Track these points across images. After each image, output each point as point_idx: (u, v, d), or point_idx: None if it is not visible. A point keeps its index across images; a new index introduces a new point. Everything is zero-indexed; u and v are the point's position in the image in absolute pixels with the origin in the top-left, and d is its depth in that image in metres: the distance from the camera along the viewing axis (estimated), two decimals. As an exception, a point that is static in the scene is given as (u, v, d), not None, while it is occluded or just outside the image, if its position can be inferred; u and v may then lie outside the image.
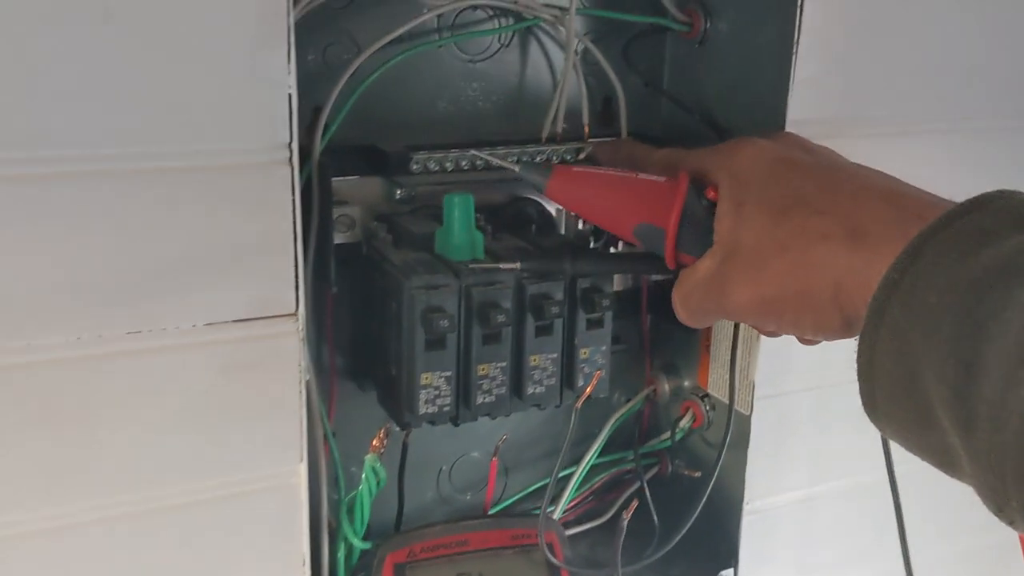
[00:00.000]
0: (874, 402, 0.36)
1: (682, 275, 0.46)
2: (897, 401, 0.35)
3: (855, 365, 0.37)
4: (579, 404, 0.51)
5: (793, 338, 0.60)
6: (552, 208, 0.61)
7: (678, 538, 0.56)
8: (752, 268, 0.42)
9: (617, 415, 0.62)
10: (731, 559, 0.61)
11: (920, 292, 0.34)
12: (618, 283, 0.63)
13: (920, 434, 0.35)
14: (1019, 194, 0.35)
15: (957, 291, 0.33)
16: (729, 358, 0.58)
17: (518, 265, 0.50)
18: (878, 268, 0.36)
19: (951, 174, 0.43)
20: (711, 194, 0.45)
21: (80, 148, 0.39)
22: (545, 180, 0.48)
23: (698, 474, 0.59)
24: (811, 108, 0.53)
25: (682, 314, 0.47)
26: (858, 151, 0.47)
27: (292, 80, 0.42)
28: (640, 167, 0.50)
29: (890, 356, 0.35)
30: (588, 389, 0.51)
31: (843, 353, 0.48)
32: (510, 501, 0.65)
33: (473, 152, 0.52)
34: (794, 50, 0.51)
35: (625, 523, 0.51)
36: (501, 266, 0.50)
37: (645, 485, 0.60)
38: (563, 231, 0.61)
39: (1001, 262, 0.32)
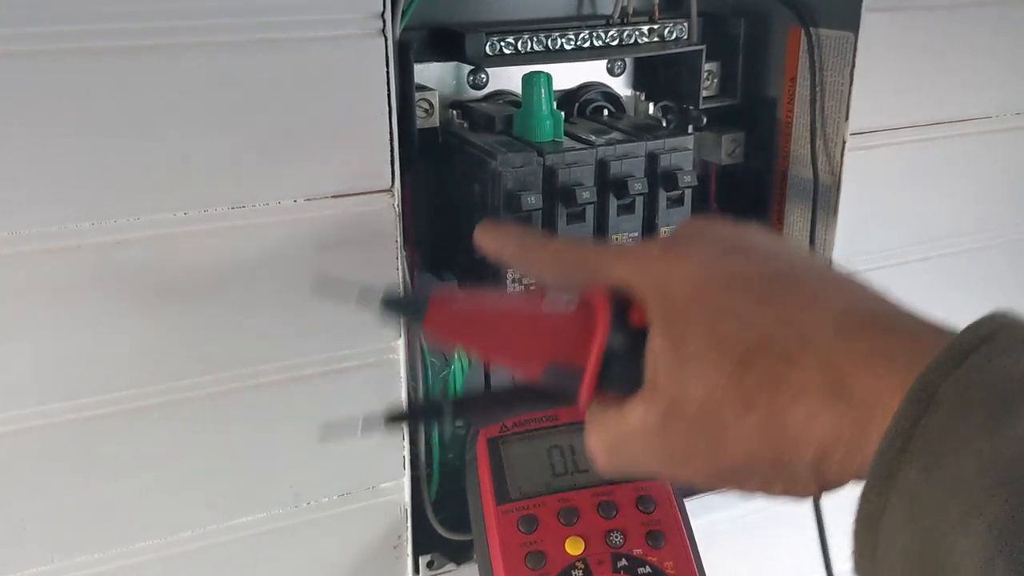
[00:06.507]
0: (874, 574, 0.30)
1: (601, 418, 0.36)
2: None
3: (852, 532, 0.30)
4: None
5: (871, 213, 0.60)
6: (621, 92, 0.61)
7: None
8: (707, 431, 0.33)
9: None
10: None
11: (949, 457, 0.27)
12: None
13: None
14: (1013, 318, 0.30)
15: (1000, 462, 0.26)
16: (808, 235, 0.58)
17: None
18: (873, 431, 0.29)
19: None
20: (636, 317, 0.35)
21: (177, 20, 0.39)
22: (420, 319, 0.37)
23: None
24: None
25: (606, 468, 0.37)
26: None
27: (383, -52, 0.41)
28: (530, 263, 0.41)
29: (903, 531, 0.28)
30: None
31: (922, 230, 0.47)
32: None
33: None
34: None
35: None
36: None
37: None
38: (633, 114, 0.61)
39: None
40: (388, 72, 0.43)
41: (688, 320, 0.34)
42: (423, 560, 0.54)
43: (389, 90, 0.43)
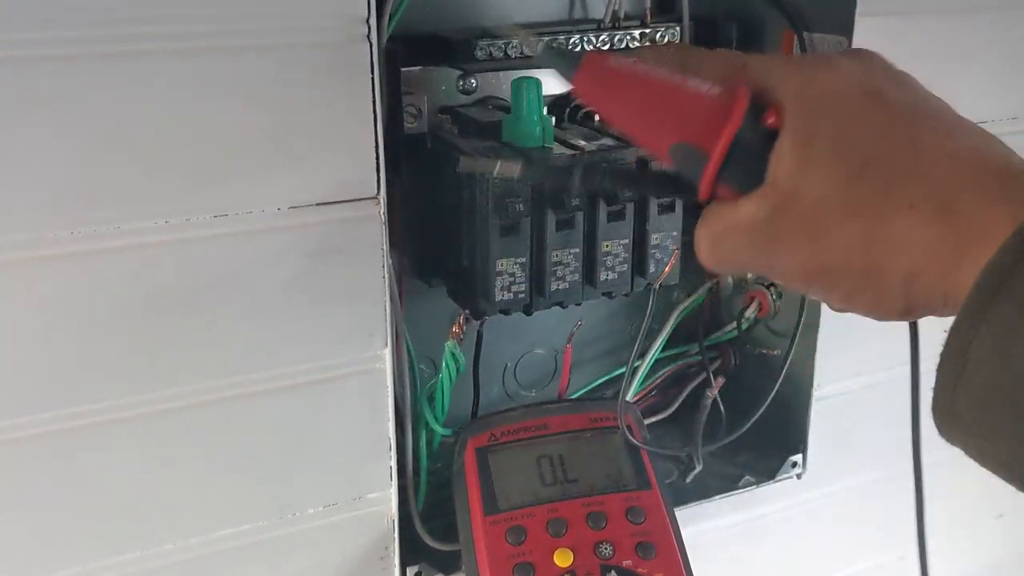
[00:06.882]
0: (954, 407, 0.30)
1: (715, 210, 0.37)
2: (990, 412, 0.29)
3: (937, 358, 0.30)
4: (658, 284, 0.51)
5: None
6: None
7: (752, 421, 0.56)
8: (810, 229, 0.34)
9: (681, 307, 0.62)
10: (800, 445, 0.61)
11: None
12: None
13: (1015, 452, 0.29)
14: None
15: None
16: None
17: (521, 166, 0.44)
18: (973, 256, 0.30)
19: None
20: (771, 119, 0.36)
21: (158, 25, 0.39)
22: (572, 71, 0.38)
23: (776, 352, 0.59)
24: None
25: (708, 258, 0.38)
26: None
27: (368, -48, 0.41)
28: (690, 63, 0.41)
29: (990, 361, 0.28)
30: (667, 268, 0.51)
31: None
32: (573, 396, 0.65)
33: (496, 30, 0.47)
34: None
35: (709, 401, 0.52)
36: (498, 167, 0.45)
37: (711, 376, 0.61)
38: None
39: None
40: (373, 78, 0.42)
41: (821, 124, 0.35)
42: (411, 571, 0.53)
43: (374, 96, 0.43)
